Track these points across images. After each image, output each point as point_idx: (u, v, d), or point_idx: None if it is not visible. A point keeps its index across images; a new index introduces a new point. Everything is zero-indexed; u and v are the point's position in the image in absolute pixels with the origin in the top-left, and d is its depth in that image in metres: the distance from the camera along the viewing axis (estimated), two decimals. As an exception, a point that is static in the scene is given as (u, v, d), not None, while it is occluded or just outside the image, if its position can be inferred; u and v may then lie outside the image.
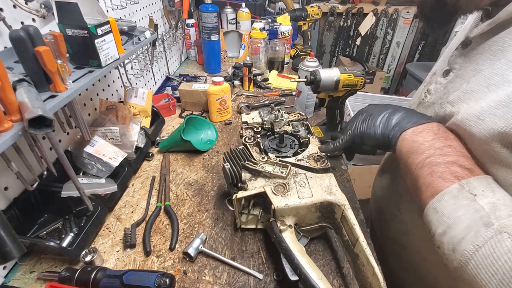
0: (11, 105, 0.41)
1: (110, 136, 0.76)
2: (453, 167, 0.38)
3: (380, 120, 0.49)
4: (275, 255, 0.60)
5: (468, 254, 0.33)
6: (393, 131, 0.47)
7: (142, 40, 0.75)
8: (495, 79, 0.39)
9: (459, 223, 0.35)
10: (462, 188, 0.36)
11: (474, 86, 0.42)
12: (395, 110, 0.49)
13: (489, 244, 0.32)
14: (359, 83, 0.79)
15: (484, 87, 0.40)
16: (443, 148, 0.41)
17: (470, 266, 0.33)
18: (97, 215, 0.63)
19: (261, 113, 0.78)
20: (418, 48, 2.93)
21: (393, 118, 0.48)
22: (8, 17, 0.54)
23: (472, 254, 0.33)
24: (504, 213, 0.33)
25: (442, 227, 0.37)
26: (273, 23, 1.64)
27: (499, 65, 0.39)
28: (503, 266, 0.30)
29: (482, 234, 0.33)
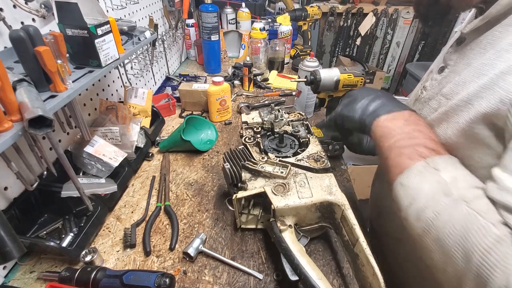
0: (11, 105, 0.41)
1: (110, 136, 0.76)
2: (419, 148, 0.41)
3: (360, 105, 0.52)
4: (275, 255, 0.60)
5: (430, 221, 0.36)
6: (369, 117, 0.50)
7: (142, 40, 0.75)
8: (484, 69, 0.40)
9: (423, 194, 0.38)
10: (427, 164, 0.39)
11: (465, 78, 0.44)
12: (376, 97, 0.52)
13: (447, 211, 0.35)
14: (359, 83, 0.79)
15: (475, 77, 0.41)
16: (412, 132, 0.44)
17: (431, 232, 0.36)
18: (97, 215, 0.63)
19: (261, 113, 0.78)
20: (418, 48, 2.93)
21: (371, 105, 0.51)
22: (8, 17, 0.54)
23: (433, 221, 0.36)
24: (463, 185, 0.36)
25: (408, 199, 0.40)
26: (273, 23, 1.64)
27: (487, 56, 0.41)
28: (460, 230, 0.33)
29: (442, 202, 0.36)
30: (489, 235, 0.31)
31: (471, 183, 0.37)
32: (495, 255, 0.29)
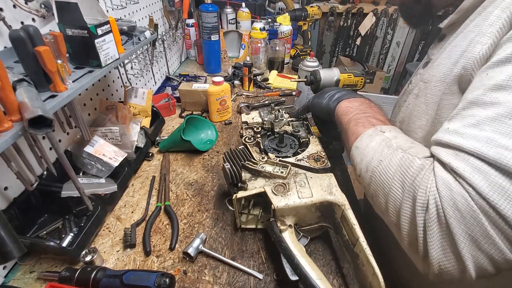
0: (11, 105, 0.41)
1: (110, 136, 0.76)
2: (371, 119, 0.51)
3: (328, 95, 0.63)
4: (275, 255, 0.60)
5: (374, 168, 0.43)
6: (333, 103, 0.60)
7: (142, 40, 0.75)
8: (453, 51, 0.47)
9: (370, 149, 0.46)
10: (376, 129, 0.48)
11: (439, 61, 0.50)
12: (341, 90, 0.63)
13: (387, 157, 0.42)
14: (359, 83, 0.79)
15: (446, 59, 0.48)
16: (365, 109, 0.54)
17: (376, 176, 0.43)
18: (97, 215, 0.63)
19: (261, 113, 0.78)
20: (418, 48, 2.93)
21: (336, 94, 0.61)
22: (8, 17, 0.54)
23: (376, 166, 0.43)
24: (402, 140, 0.44)
25: (359, 156, 0.47)
26: (273, 23, 1.64)
27: (457, 40, 0.48)
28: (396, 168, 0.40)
29: (384, 152, 0.43)
30: (414, 165, 0.39)
31: (409, 140, 0.45)
32: (419, 178, 0.37)
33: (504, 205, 0.31)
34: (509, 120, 0.32)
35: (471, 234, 0.33)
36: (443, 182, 0.35)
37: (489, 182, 0.31)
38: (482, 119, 0.34)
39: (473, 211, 0.32)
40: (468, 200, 0.32)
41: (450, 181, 0.34)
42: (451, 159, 0.35)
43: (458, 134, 0.36)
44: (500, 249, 0.32)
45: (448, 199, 0.34)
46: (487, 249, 0.33)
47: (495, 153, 0.32)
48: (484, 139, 0.33)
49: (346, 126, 0.54)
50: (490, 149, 0.32)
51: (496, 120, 0.33)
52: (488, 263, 0.34)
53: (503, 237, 0.32)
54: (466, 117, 0.37)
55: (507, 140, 0.32)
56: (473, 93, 0.37)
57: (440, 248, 0.36)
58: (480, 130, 0.34)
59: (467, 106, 0.37)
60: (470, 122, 0.35)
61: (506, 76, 0.34)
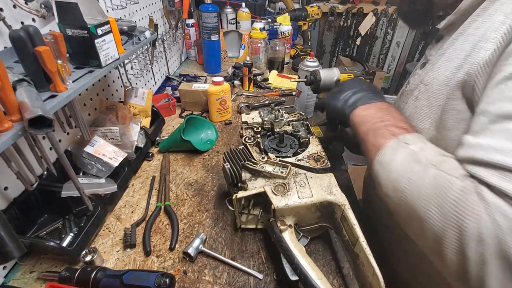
0: (11, 105, 0.41)
1: (110, 136, 0.76)
2: (391, 128, 0.46)
3: (343, 96, 0.58)
4: (275, 255, 0.60)
5: (405, 188, 0.39)
6: (348, 108, 0.56)
7: (142, 40, 0.75)
8: (454, 54, 0.46)
9: (396, 165, 0.41)
10: (398, 140, 0.44)
11: (440, 64, 0.49)
12: (359, 90, 0.58)
13: (418, 175, 0.38)
14: (359, 83, 0.79)
15: (447, 62, 0.47)
16: (383, 116, 0.49)
17: (407, 197, 0.38)
18: (97, 215, 0.63)
19: (261, 113, 0.78)
20: (418, 48, 2.92)
21: (352, 98, 0.57)
22: (8, 17, 0.54)
23: (406, 186, 0.38)
24: (430, 152, 0.40)
25: (384, 173, 0.43)
26: (273, 23, 1.64)
27: (458, 43, 0.46)
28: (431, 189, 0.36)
29: (413, 169, 0.39)
30: (455, 187, 0.33)
31: (437, 152, 0.41)
32: (463, 203, 0.32)
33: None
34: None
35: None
36: (497, 209, 0.30)
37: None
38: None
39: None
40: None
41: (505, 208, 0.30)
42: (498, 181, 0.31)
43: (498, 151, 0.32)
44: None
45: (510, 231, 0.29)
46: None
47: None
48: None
49: (364, 137, 0.50)
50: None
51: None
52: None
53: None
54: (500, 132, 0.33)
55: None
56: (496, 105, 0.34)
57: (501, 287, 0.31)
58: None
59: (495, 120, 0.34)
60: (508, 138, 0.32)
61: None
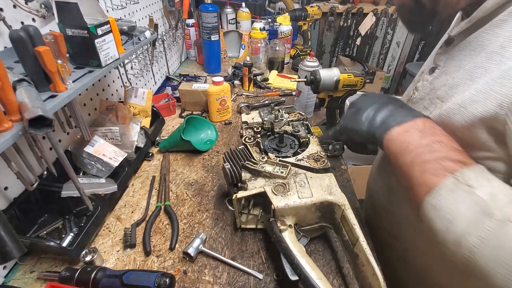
0: (11, 105, 0.41)
1: (110, 136, 0.76)
2: (444, 162, 0.38)
3: (366, 116, 0.49)
4: (275, 255, 0.60)
5: (474, 248, 0.33)
6: (378, 129, 0.46)
7: (142, 40, 0.75)
8: (477, 72, 0.41)
9: (460, 217, 0.34)
10: (457, 181, 0.36)
11: (458, 81, 0.43)
12: (382, 105, 0.49)
13: (495, 235, 0.32)
14: (359, 83, 0.80)
15: (468, 80, 0.42)
16: (432, 144, 0.40)
17: (478, 260, 0.33)
18: (97, 215, 0.63)
19: (261, 113, 0.78)
20: (418, 48, 2.93)
21: (378, 116, 0.47)
22: (8, 17, 0.54)
23: (478, 247, 0.33)
24: (504, 202, 0.33)
25: (443, 223, 0.36)
26: (273, 23, 1.64)
27: (479, 59, 0.41)
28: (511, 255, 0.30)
29: (485, 226, 0.32)
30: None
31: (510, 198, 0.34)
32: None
33: None
34: None
35: None
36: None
37: None
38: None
39: None
40: None
41: None
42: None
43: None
44: None
45: None
46: None
47: None
48: None
49: (407, 171, 0.42)
50: None
51: None
52: None
53: None
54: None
55: None
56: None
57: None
58: None
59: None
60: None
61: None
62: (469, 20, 0.44)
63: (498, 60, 0.38)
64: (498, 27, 0.40)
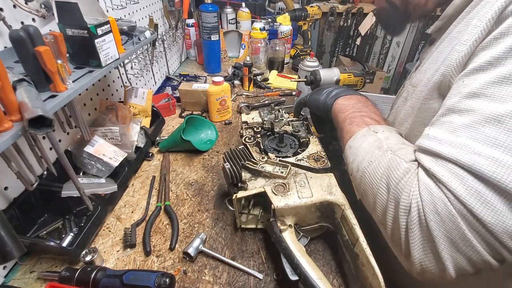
0: (11, 105, 0.41)
1: (110, 136, 0.76)
2: (366, 118, 0.52)
3: (325, 91, 0.64)
4: (275, 255, 0.60)
5: (365, 168, 0.45)
6: (331, 99, 0.61)
7: (142, 40, 0.75)
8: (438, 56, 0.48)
9: (362, 150, 0.47)
10: (369, 129, 0.49)
11: (426, 66, 0.51)
12: (339, 87, 0.64)
13: (378, 159, 0.43)
14: (359, 83, 0.80)
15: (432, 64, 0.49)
16: (361, 108, 0.55)
17: (366, 176, 0.44)
18: (97, 215, 0.63)
19: (261, 113, 0.78)
20: (418, 48, 2.93)
21: (334, 91, 0.62)
22: (8, 17, 0.54)
23: (367, 167, 0.44)
24: (393, 141, 0.45)
25: (352, 156, 0.49)
26: (273, 23, 1.64)
27: (442, 46, 0.48)
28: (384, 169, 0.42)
29: (374, 153, 0.44)
30: (401, 168, 0.40)
31: (399, 141, 0.46)
32: (403, 181, 0.38)
33: (481, 209, 0.32)
34: (482, 127, 0.33)
35: (450, 236, 0.34)
36: (425, 186, 0.36)
37: (466, 187, 0.33)
38: (458, 126, 0.36)
39: (451, 215, 0.33)
40: (447, 204, 0.34)
41: (431, 186, 0.36)
42: (431, 164, 0.36)
43: (436, 140, 0.37)
44: (477, 250, 0.33)
45: (429, 203, 0.35)
46: (465, 250, 0.34)
47: (469, 159, 0.33)
48: (459, 145, 0.34)
49: (341, 124, 0.55)
50: (465, 155, 0.33)
51: (470, 127, 0.34)
52: (467, 264, 0.35)
53: (480, 239, 0.33)
54: (444, 124, 0.38)
55: (480, 146, 0.33)
56: (451, 100, 0.39)
57: (421, 249, 0.37)
58: (456, 136, 0.35)
59: (445, 113, 0.39)
60: (447, 129, 0.37)
61: (479, 84, 0.35)
62: (441, 17, 0.50)
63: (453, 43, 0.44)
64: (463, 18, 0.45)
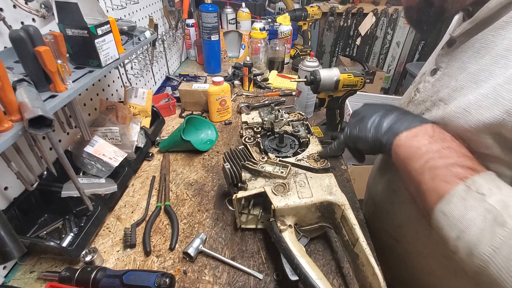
0: (11, 105, 0.41)
1: (110, 136, 0.76)
2: (454, 168, 0.38)
3: (371, 123, 0.48)
4: (275, 255, 0.60)
5: (487, 257, 0.33)
6: (385, 136, 0.46)
7: (142, 40, 0.75)
8: (482, 75, 0.40)
9: (472, 225, 0.34)
10: (469, 188, 0.36)
11: (462, 83, 0.42)
12: (387, 111, 0.48)
13: (506, 244, 0.31)
14: (359, 83, 0.80)
15: (472, 83, 0.41)
16: (441, 150, 0.40)
17: (491, 269, 0.33)
18: (97, 215, 0.63)
19: (261, 113, 0.78)
20: (418, 48, 2.93)
21: (384, 122, 0.47)
22: (8, 17, 0.54)
23: (491, 256, 0.32)
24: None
25: (455, 231, 0.36)
26: (273, 23, 1.64)
27: (484, 62, 0.40)
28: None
29: (498, 235, 0.32)
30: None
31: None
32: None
33: None
34: None
35: None
36: None
37: None
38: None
39: None
40: None
41: None
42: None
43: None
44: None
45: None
46: None
47: None
48: None
49: (416, 176, 0.41)
50: None
51: None
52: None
53: None
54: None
55: None
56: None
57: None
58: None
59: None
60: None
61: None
62: (472, 20, 0.42)
63: (504, 64, 0.37)
64: (503, 29, 0.39)
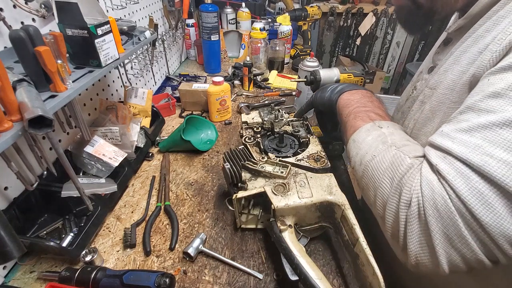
0: (11, 105, 0.41)
1: (110, 136, 0.76)
2: (370, 113, 0.51)
3: (330, 89, 0.63)
4: (275, 255, 0.60)
5: (367, 162, 0.45)
6: (336, 95, 0.61)
7: (142, 40, 0.75)
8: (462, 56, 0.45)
9: (366, 144, 0.47)
10: (374, 124, 0.49)
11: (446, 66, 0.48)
12: (344, 83, 0.64)
13: (382, 153, 0.43)
14: (359, 83, 0.79)
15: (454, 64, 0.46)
16: (366, 103, 0.54)
17: (368, 170, 0.44)
18: (97, 215, 0.63)
19: (261, 113, 0.78)
20: (418, 48, 2.93)
21: (338, 87, 0.62)
22: (8, 17, 0.54)
23: (370, 161, 0.44)
24: (397, 138, 0.45)
25: (355, 150, 0.49)
26: (273, 23, 1.64)
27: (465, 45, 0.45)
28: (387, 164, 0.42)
29: (378, 148, 0.44)
30: (404, 163, 0.40)
31: (404, 138, 0.46)
32: (406, 176, 0.39)
33: (480, 210, 0.32)
34: (500, 129, 0.32)
35: (447, 232, 0.35)
36: (427, 182, 0.37)
37: (470, 186, 0.33)
38: (474, 125, 0.35)
39: (450, 212, 0.34)
40: (447, 201, 0.34)
41: (433, 181, 0.36)
42: (438, 161, 0.37)
43: (449, 137, 0.37)
44: (472, 249, 0.34)
45: (429, 199, 0.36)
46: (460, 247, 0.34)
47: (480, 160, 0.33)
48: (472, 145, 0.34)
49: (345, 118, 0.54)
50: (476, 155, 0.33)
51: (487, 127, 0.33)
52: (460, 261, 0.35)
53: (476, 239, 0.33)
54: (460, 122, 0.37)
55: (494, 148, 0.32)
56: (472, 98, 0.37)
57: (417, 242, 0.38)
58: (470, 136, 0.35)
59: (464, 110, 0.38)
60: (463, 127, 0.36)
61: (505, 84, 0.33)
62: (466, 16, 0.46)
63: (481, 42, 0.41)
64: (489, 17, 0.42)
